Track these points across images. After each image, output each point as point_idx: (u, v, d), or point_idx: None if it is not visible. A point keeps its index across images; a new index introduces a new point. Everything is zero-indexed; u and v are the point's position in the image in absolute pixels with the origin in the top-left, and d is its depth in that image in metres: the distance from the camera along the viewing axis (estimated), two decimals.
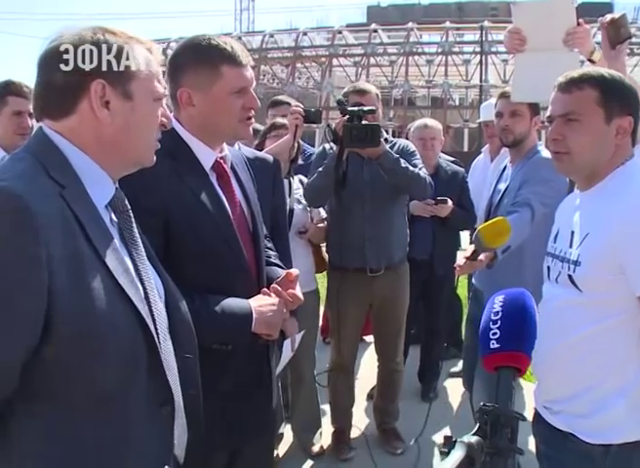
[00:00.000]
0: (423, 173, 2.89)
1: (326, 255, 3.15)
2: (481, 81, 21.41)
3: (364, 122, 2.66)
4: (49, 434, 0.99)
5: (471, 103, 25.31)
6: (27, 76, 1.74)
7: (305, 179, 3.09)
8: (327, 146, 2.98)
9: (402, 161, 2.80)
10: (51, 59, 1.06)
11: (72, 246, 0.97)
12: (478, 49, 22.65)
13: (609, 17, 1.98)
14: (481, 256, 2.25)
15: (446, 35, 25.73)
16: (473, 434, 0.92)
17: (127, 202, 1.17)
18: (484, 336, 1.06)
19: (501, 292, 1.13)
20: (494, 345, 1.04)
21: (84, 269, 0.98)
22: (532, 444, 1.72)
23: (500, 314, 1.06)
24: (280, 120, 3.04)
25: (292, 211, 2.91)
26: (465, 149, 21.83)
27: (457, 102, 28.05)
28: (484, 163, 4.03)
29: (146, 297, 1.11)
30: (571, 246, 1.53)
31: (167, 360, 1.12)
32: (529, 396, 3.02)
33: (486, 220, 2.74)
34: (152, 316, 1.10)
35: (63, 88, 1.06)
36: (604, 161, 1.51)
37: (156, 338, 1.08)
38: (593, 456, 1.45)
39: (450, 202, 3.46)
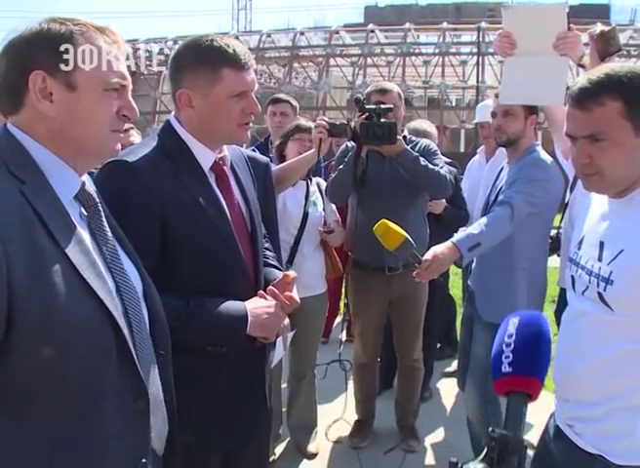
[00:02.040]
0: (444, 171, 2.90)
1: (338, 260, 3.14)
2: (478, 82, 21.40)
3: (382, 119, 2.69)
4: (23, 431, 0.98)
5: (468, 104, 25.26)
6: None
7: (323, 182, 3.11)
8: (349, 144, 3.00)
9: (422, 159, 2.82)
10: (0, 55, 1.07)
11: (32, 241, 0.97)
12: (475, 50, 22.61)
13: (599, 29, 1.97)
14: (427, 256, 2.25)
15: (443, 36, 25.65)
16: (480, 461, 0.90)
17: (95, 195, 1.16)
18: (496, 359, 1.02)
19: (517, 314, 1.09)
20: (506, 369, 1.00)
21: (44, 264, 0.97)
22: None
23: (515, 337, 1.02)
24: (305, 123, 2.97)
25: (306, 214, 2.92)
26: (462, 150, 21.79)
27: (453, 103, 28.02)
28: (479, 163, 4.03)
29: (119, 292, 1.10)
30: (600, 259, 1.38)
31: (141, 353, 1.12)
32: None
33: None
34: (125, 310, 1.10)
35: (9, 82, 1.07)
36: (638, 172, 1.37)
37: (127, 332, 1.07)
38: None
39: (443, 199, 3.47)
